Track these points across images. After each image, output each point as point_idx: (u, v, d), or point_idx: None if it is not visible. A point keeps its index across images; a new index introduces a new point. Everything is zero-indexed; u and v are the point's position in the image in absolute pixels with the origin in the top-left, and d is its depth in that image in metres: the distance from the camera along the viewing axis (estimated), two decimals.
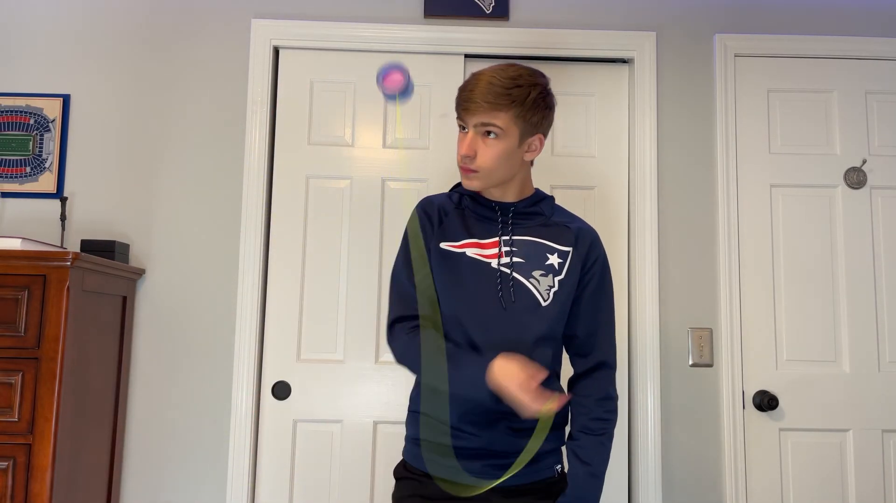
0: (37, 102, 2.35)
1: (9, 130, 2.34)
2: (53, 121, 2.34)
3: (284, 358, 2.31)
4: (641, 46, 2.42)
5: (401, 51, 2.40)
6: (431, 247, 1.47)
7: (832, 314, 2.34)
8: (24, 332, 1.83)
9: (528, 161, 1.47)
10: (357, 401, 2.30)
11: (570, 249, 1.46)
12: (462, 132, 1.43)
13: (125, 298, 2.22)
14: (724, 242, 2.34)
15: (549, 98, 1.43)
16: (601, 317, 1.50)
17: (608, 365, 1.49)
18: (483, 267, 1.44)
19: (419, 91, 2.41)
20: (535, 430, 1.41)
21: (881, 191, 2.39)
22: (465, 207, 1.50)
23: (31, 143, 2.33)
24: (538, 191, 1.53)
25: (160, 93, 2.38)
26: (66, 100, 2.36)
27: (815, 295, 2.35)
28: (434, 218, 1.49)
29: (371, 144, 2.40)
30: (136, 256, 2.32)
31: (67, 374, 1.85)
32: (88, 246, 2.16)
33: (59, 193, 2.32)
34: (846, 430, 2.30)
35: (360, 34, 2.39)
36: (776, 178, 2.40)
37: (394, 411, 2.30)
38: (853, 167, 2.39)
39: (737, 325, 2.31)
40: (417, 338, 1.42)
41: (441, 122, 2.40)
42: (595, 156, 2.44)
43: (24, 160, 2.33)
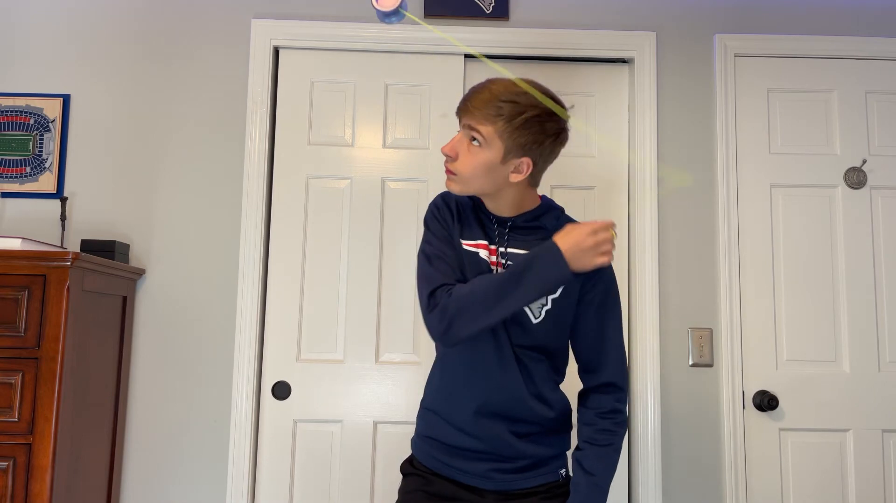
0: (37, 102, 2.35)
1: (9, 130, 2.34)
2: (53, 121, 2.34)
3: (284, 358, 2.31)
4: (641, 46, 2.42)
5: (401, 51, 2.40)
6: (454, 237, 1.46)
7: (832, 314, 2.34)
8: (24, 332, 1.83)
9: (516, 182, 1.39)
10: (357, 401, 2.30)
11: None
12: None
13: (125, 298, 2.22)
14: (724, 242, 2.34)
15: (548, 125, 1.34)
16: (607, 335, 1.45)
17: (617, 386, 1.45)
18: (487, 270, 1.44)
19: (419, 91, 2.41)
20: None
21: (881, 191, 2.39)
22: (479, 208, 1.48)
23: (31, 143, 2.33)
24: (544, 202, 1.48)
25: (160, 93, 2.38)
26: (66, 100, 2.36)
27: (815, 295, 2.35)
28: (454, 211, 1.48)
29: (371, 144, 2.40)
30: (136, 256, 2.32)
31: (67, 374, 1.85)
32: (88, 246, 2.16)
33: (59, 193, 2.32)
34: (846, 430, 2.30)
35: (360, 34, 2.39)
36: (776, 178, 2.39)
37: (394, 411, 2.30)
38: (853, 167, 2.39)
39: (737, 325, 2.31)
40: (472, 281, 1.36)
41: (441, 122, 2.40)
42: (595, 156, 2.44)
43: (24, 160, 2.33)
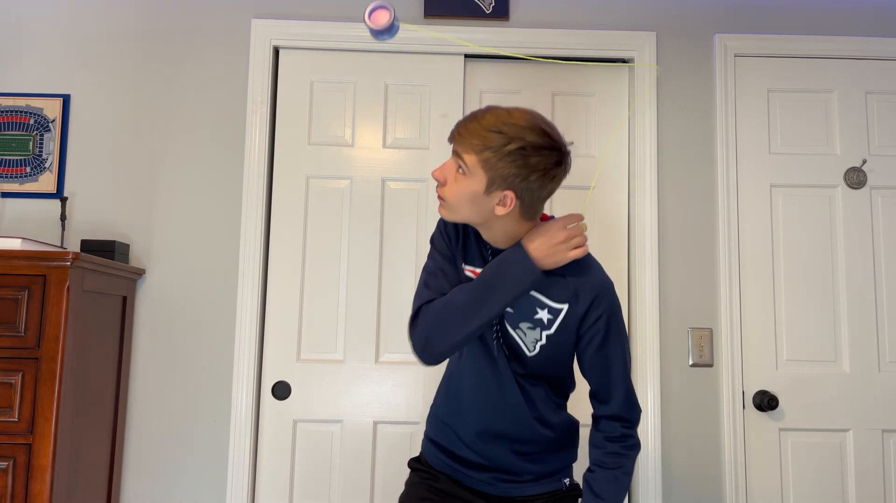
0: (37, 102, 2.35)
1: (9, 130, 2.34)
2: (53, 121, 2.34)
3: (284, 358, 2.31)
4: (641, 46, 2.42)
5: (401, 51, 2.40)
6: (456, 258, 1.47)
7: (832, 314, 2.34)
8: (24, 332, 1.83)
9: (503, 215, 1.33)
10: (357, 401, 2.30)
11: (565, 307, 1.39)
12: None
13: (125, 298, 2.22)
14: (724, 242, 2.34)
15: (533, 159, 1.27)
16: (613, 373, 1.43)
17: (627, 419, 1.44)
18: None
19: (419, 91, 2.41)
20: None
21: (881, 191, 2.39)
22: (479, 236, 1.47)
23: (31, 143, 2.33)
24: None
25: (160, 93, 2.38)
26: (66, 100, 2.36)
27: (815, 295, 2.35)
28: (460, 233, 1.48)
29: (371, 144, 2.40)
30: (136, 256, 2.32)
31: (67, 374, 1.85)
32: (88, 246, 2.16)
33: (59, 193, 2.32)
34: (846, 430, 2.30)
35: (361, 34, 2.38)
36: (776, 178, 2.39)
37: (394, 411, 2.30)
38: (853, 167, 2.39)
39: (737, 325, 2.31)
40: (447, 293, 1.39)
41: (441, 123, 2.40)
42: (595, 156, 2.44)
43: (24, 160, 2.33)
